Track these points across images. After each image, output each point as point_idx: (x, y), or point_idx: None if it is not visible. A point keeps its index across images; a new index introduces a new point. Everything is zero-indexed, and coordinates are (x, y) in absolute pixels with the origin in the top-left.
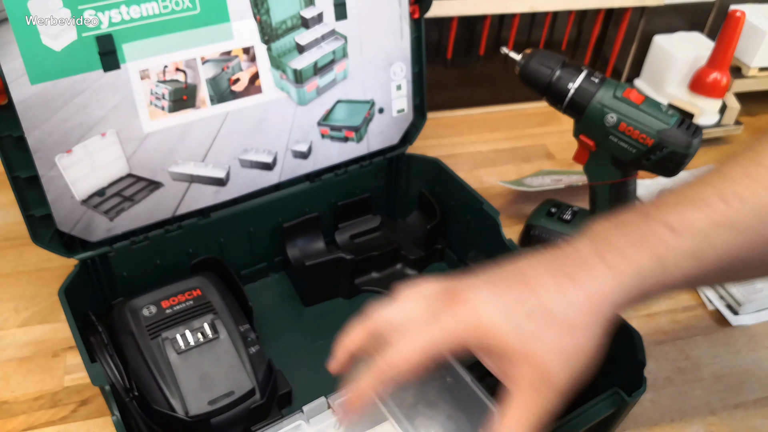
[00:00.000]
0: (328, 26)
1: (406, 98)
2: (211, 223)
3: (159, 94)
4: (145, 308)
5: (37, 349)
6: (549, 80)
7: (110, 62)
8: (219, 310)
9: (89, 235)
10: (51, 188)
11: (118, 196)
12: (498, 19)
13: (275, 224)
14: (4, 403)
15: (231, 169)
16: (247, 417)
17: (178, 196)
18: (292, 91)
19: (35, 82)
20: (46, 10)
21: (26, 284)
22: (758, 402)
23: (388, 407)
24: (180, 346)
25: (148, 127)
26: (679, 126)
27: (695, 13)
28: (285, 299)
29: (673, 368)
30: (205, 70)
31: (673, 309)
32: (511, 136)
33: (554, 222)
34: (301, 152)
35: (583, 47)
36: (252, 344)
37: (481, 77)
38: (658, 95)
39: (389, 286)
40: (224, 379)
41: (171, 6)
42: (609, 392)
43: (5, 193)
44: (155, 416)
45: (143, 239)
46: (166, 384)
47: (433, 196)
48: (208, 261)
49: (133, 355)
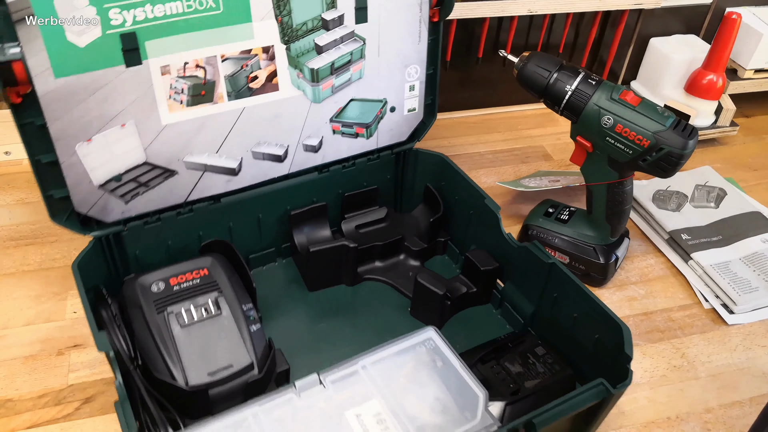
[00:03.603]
0: (347, 28)
1: (418, 98)
2: (221, 207)
3: (178, 89)
4: (154, 284)
5: (41, 347)
6: (546, 82)
7: (133, 58)
8: (224, 288)
9: (105, 216)
10: (70, 173)
11: (134, 181)
12: (496, 22)
13: (283, 212)
14: (9, 401)
15: (243, 160)
16: (244, 390)
17: (191, 183)
18: (308, 90)
19: (59, 75)
20: (71, 9)
21: (31, 284)
22: (754, 400)
23: (377, 386)
24: (184, 320)
25: (166, 119)
26: (675, 127)
27: (691, 15)
28: (291, 284)
29: (669, 366)
30: (225, 67)
31: (669, 308)
32: (509, 137)
33: (552, 222)
34: (311, 146)
35: (580, 50)
36: (253, 322)
37: (480, 80)
38: (655, 97)
39: (392, 276)
40: (224, 353)
41: (195, 5)
42: (594, 383)
43: (9, 192)
44: (157, 385)
45: (156, 220)
46: (168, 355)
47: (438, 190)
48: (217, 243)
49: (140, 327)
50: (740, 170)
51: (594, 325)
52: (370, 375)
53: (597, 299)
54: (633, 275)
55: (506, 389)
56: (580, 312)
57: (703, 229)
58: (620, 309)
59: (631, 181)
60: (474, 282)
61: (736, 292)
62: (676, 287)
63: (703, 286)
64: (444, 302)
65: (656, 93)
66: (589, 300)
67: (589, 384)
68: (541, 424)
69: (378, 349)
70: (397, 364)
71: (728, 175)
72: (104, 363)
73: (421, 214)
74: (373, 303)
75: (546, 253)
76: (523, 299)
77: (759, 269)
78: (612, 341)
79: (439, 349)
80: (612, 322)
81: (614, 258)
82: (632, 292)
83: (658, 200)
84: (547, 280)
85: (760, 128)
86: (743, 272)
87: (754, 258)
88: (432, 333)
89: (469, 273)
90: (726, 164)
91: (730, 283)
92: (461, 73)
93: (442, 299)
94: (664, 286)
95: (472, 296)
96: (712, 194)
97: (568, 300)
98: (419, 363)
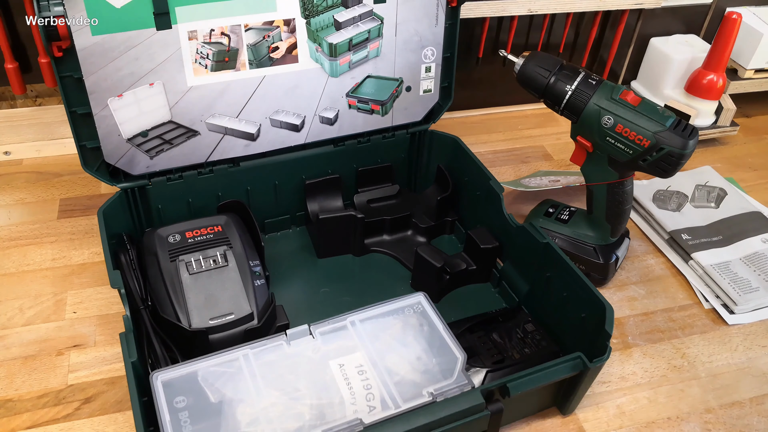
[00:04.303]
0: (366, 6)
1: (434, 80)
2: (240, 171)
3: (204, 54)
4: (171, 236)
5: (41, 347)
6: (547, 82)
7: (163, 22)
8: (234, 244)
9: (131, 168)
10: (102, 125)
11: (159, 138)
12: (496, 22)
13: (299, 180)
14: (9, 401)
15: (262, 126)
16: (243, 338)
17: (212, 144)
18: (326, 64)
19: (96, 33)
20: None
21: (30, 284)
22: (754, 400)
23: (362, 340)
24: (193, 268)
25: (192, 81)
26: (675, 127)
27: (691, 15)
28: (302, 250)
29: (669, 366)
30: (248, 36)
31: (670, 308)
32: (510, 137)
33: (552, 222)
34: (327, 119)
35: (580, 50)
36: (258, 278)
37: (480, 80)
38: (655, 97)
39: (397, 249)
40: (227, 302)
41: None
42: (572, 356)
43: (9, 192)
44: (163, 324)
45: (178, 177)
46: (176, 298)
47: (449, 171)
48: (234, 204)
49: (154, 273)
50: (740, 170)
51: (581, 304)
52: (358, 330)
53: (585, 279)
54: (633, 275)
55: (490, 359)
56: (569, 291)
57: (704, 229)
58: (620, 309)
59: (631, 181)
60: (474, 259)
61: (736, 292)
62: (677, 287)
63: (703, 286)
64: (442, 275)
65: (656, 93)
66: (578, 279)
67: (567, 356)
68: (515, 388)
69: (368, 308)
70: (385, 323)
71: (728, 175)
72: (104, 363)
73: (432, 194)
74: (377, 273)
75: (542, 233)
76: (519, 278)
77: (759, 269)
78: (596, 319)
79: (426, 313)
80: (597, 300)
81: (614, 258)
82: (632, 292)
83: (658, 200)
84: (542, 259)
85: (760, 128)
86: (743, 272)
87: (754, 258)
88: (421, 298)
89: (471, 250)
90: (726, 164)
91: (730, 283)
92: (461, 73)
93: (440, 272)
94: (665, 286)
95: (472, 273)
96: (712, 194)
97: (560, 279)
98: (406, 324)
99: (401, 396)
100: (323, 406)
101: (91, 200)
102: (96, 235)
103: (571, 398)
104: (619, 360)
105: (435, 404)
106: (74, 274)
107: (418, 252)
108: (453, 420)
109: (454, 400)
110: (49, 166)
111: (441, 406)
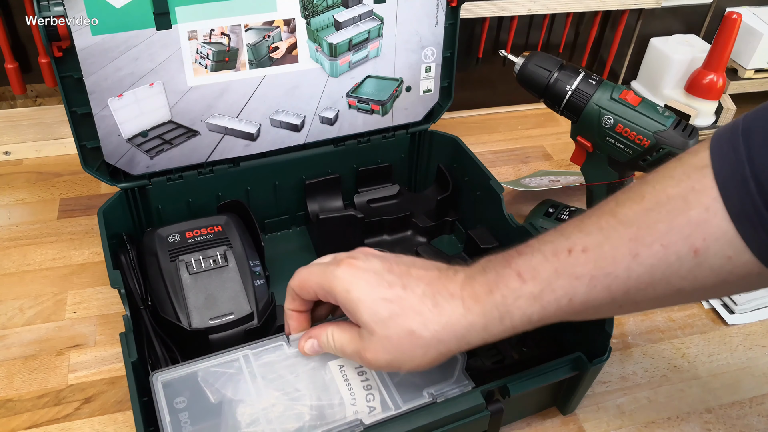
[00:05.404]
0: (366, 6)
1: (434, 80)
2: (240, 171)
3: (204, 54)
4: (171, 236)
5: (41, 347)
6: (547, 82)
7: (163, 22)
8: (234, 244)
9: (131, 168)
10: (102, 125)
11: (159, 138)
12: (496, 22)
13: (299, 180)
14: (9, 401)
15: (262, 126)
16: (243, 338)
17: (212, 145)
18: (326, 64)
19: (96, 33)
20: None
21: (30, 283)
22: (754, 400)
23: None
24: (193, 268)
25: (192, 81)
26: (676, 127)
27: (691, 15)
28: (302, 250)
29: (669, 366)
30: (248, 36)
31: (670, 308)
32: (510, 137)
33: (552, 222)
34: (327, 118)
35: (580, 49)
36: (258, 278)
37: (480, 80)
38: (655, 97)
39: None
40: (226, 302)
41: None
42: (572, 356)
43: (9, 192)
44: (163, 324)
45: (178, 177)
46: (176, 298)
47: (449, 171)
48: (234, 204)
49: (154, 273)
50: None
51: None
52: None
53: None
54: None
55: (490, 359)
56: None
57: None
58: None
59: (631, 181)
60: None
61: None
62: None
63: None
64: None
65: (657, 93)
66: None
67: (568, 357)
68: (515, 389)
69: None
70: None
71: None
72: (104, 363)
73: (432, 194)
74: None
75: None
76: None
77: None
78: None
79: None
80: None
81: None
82: None
83: None
84: None
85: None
86: None
87: None
88: None
89: (471, 251)
90: None
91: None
92: (461, 73)
93: None
94: None
95: None
96: None
97: None
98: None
99: (401, 397)
100: (323, 407)
101: (91, 200)
102: (96, 235)
103: (571, 398)
104: (619, 360)
105: (435, 405)
106: (74, 274)
107: (418, 252)
108: (453, 420)
109: (454, 401)
110: (49, 166)
111: (441, 406)
